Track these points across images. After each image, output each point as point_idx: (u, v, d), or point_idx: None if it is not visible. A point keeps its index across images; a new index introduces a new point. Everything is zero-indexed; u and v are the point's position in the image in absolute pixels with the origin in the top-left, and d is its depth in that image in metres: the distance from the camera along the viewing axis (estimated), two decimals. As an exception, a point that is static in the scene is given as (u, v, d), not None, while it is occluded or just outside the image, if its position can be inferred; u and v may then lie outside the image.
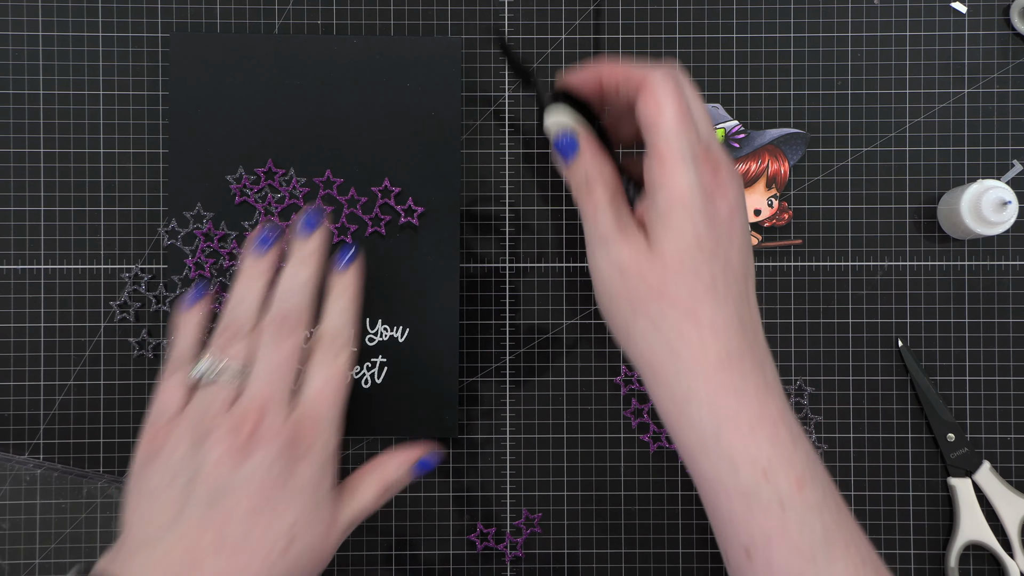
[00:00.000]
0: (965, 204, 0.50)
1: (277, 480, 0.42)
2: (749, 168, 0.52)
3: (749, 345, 0.40)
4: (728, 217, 0.40)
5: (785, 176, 0.52)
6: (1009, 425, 0.53)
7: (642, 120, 0.40)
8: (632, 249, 0.40)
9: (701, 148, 0.40)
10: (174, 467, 0.43)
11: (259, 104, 0.51)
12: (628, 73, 0.42)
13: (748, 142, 0.52)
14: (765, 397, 0.39)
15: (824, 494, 0.39)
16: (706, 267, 0.39)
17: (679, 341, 0.39)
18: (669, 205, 0.39)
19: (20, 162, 0.52)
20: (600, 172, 0.42)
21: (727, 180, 0.41)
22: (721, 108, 0.52)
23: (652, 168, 0.40)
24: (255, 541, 0.42)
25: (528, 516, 0.53)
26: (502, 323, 0.53)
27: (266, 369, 0.44)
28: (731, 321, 0.39)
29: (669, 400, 0.39)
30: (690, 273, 0.39)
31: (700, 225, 0.39)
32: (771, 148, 0.52)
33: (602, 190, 0.41)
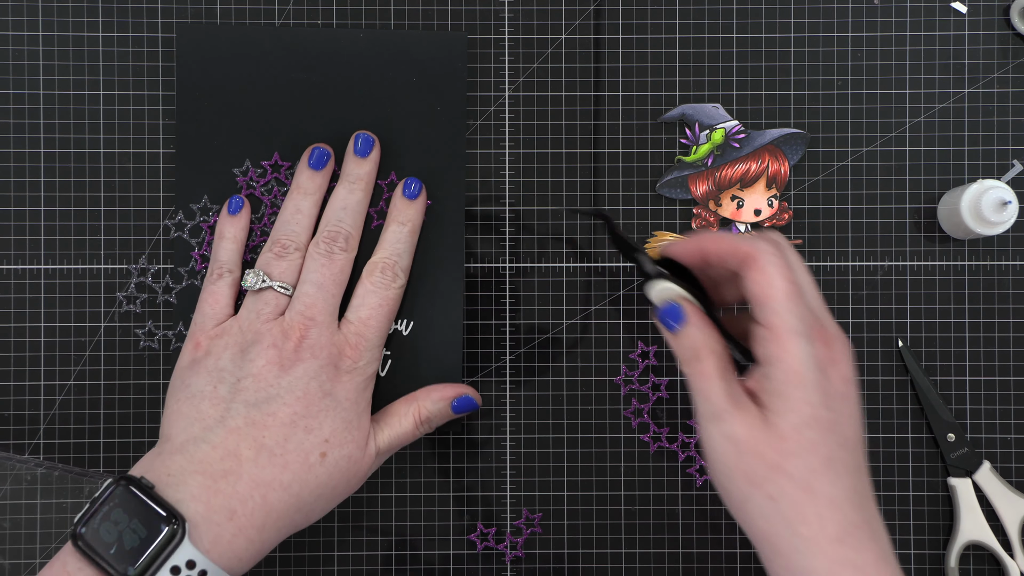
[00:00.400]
0: (965, 204, 0.50)
1: (318, 392, 0.44)
2: (749, 168, 0.52)
3: (865, 518, 0.40)
4: (843, 390, 0.41)
5: (785, 176, 0.52)
6: (1009, 425, 0.53)
7: (752, 295, 0.41)
8: (747, 424, 0.40)
9: (813, 321, 0.41)
10: (220, 371, 0.45)
11: (265, 97, 0.51)
12: (733, 246, 0.42)
13: (748, 142, 0.52)
14: (883, 570, 0.39)
15: None
16: (823, 442, 0.39)
17: (797, 517, 0.39)
18: (785, 381, 0.40)
19: (20, 162, 0.52)
20: (708, 343, 0.42)
21: (840, 353, 0.41)
22: (721, 108, 0.52)
23: (765, 342, 0.40)
24: (291, 449, 0.43)
25: (528, 516, 0.53)
26: (502, 323, 0.53)
27: (315, 283, 0.46)
28: (847, 494, 0.39)
29: (786, 573, 0.39)
30: (807, 449, 0.39)
31: (816, 401, 0.39)
32: (771, 148, 0.52)
33: (712, 362, 0.41)
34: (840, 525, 0.39)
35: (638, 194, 0.53)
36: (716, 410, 0.41)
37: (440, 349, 0.51)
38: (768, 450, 0.39)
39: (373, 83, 0.52)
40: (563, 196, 0.53)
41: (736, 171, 0.52)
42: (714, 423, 0.40)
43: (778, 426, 0.40)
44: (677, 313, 0.43)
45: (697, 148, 0.52)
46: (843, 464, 0.40)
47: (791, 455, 0.39)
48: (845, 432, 0.41)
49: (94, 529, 0.40)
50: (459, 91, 0.52)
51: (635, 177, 0.53)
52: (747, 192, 0.52)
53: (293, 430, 0.43)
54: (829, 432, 0.40)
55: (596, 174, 0.53)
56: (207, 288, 0.48)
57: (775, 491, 0.39)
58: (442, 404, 0.49)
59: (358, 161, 0.49)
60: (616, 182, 0.53)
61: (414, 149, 0.52)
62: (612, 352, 0.53)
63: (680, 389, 0.53)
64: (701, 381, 0.41)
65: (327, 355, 0.45)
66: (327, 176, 0.49)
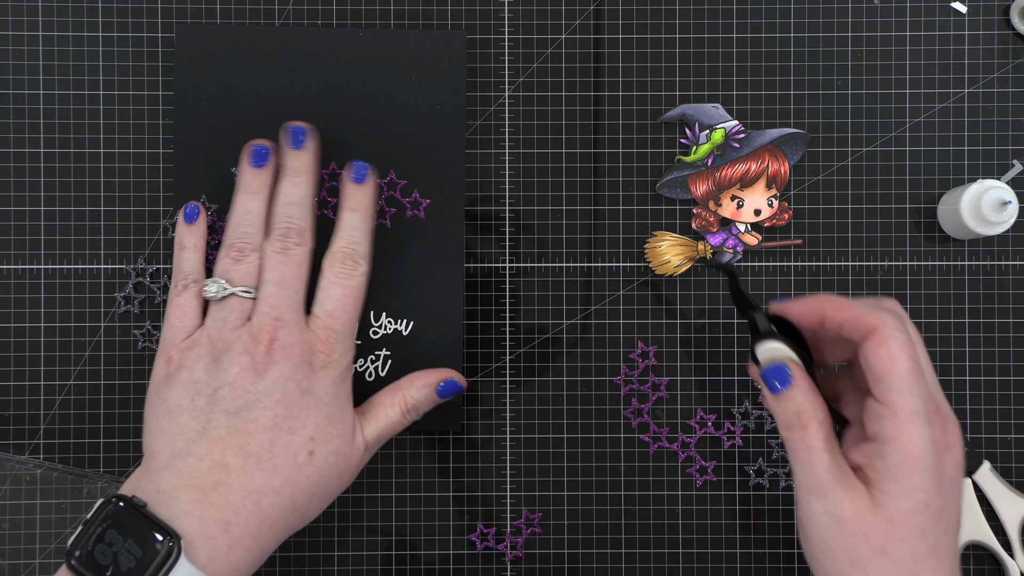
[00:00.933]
0: (965, 204, 0.50)
1: (296, 392, 0.44)
2: (749, 168, 0.52)
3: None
4: (955, 476, 0.40)
5: (785, 176, 0.52)
6: (1009, 425, 0.53)
7: (873, 369, 0.39)
8: (854, 503, 0.39)
9: (933, 403, 0.40)
10: (195, 383, 0.44)
11: (265, 97, 0.51)
12: (856, 315, 0.41)
13: (748, 142, 0.52)
14: None
15: None
16: (932, 529, 0.39)
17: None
18: (902, 464, 0.39)
19: (20, 162, 0.52)
20: (815, 410, 0.41)
21: (954, 436, 0.41)
22: (721, 108, 0.52)
23: (883, 420, 0.39)
24: (278, 453, 0.43)
25: (528, 516, 0.53)
26: (502, 323, 0.53)
27: (277, 283, 0.45)
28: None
29: None
30: (916, 536, 0.39)
31: (931, 488, 0.39)
32: (771, 148, 0.52)
33: (817, 431, 0.40)
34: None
35: (638, 194, 0.53)
36: (821, 484, 0.39)
37: (440, 349, 0.51)
38: (874, 532, 0.38)
39: (372, 83, 0.51)
40: (563, 196, 0.53)
41: (736, 171, 0.52)
42: (817, 497, 0.39)
43: (888, 508, 0.39)
44: (784, 375, 0.41)
45: (697, 148, 0.52)
46: (946, 550, 0.39)
47: (898, 540, 0.38)
48: (952, 519, 0.40)
49: (88, 551, 0.40)
50: (459, 90, 0.52)
51: (635, 177, 0.53)
52: (747, 192, 0.52)
53: (277, 433, 0.43)
54: (938, 519, 0.39)
55: (596, 174, 0.53)
56: (173, 301, 0.47)
57: (876, 574, 0.38)
58: (427, 390, 0.48)
59: (295, 154, 0.47)
60: (616, 182, 0.53)
61: (414, 148, 0.51)
62: (612, 352, 0.53)
63: (680, 389, 0.53)
64: (805, 451, 0.40)
65: (299, 353, 0.44)
66: (271, 171, 0.48)
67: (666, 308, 0.53)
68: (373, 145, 0.51)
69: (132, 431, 0.52)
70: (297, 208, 0.47)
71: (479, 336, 0.53)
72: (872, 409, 0.40)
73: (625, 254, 0.53)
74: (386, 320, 0.52)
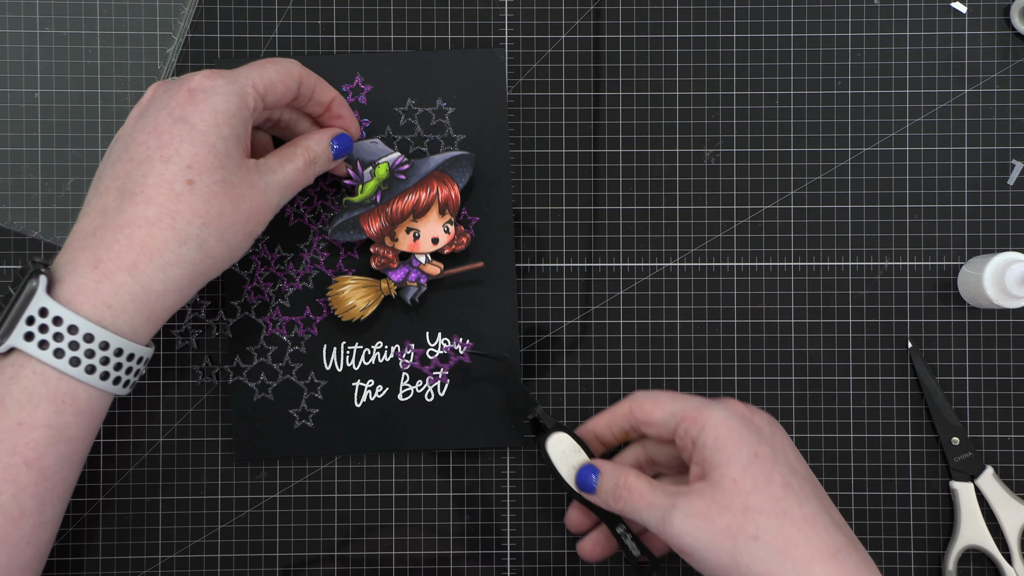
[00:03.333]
0: (988, 276, 0.49)
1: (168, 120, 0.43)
2: (419, 198, 0.50)
3: (850, 541, 0.41)
4: (771, 431, 0.44)
5: (456, 200, 0.51)
6: (1009, 425, 0.53)
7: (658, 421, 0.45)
8: (701, 495, 0.42)
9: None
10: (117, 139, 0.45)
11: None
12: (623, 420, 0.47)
13: (413, 172, 0.51)
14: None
15: None
16: (774, 472, 0.42)
17: (785, 542, 0.40)
18: (717, 438, 0.42)
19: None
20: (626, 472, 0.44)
21: (753, 407, 0.45)
22: (380, 142, 0.51)
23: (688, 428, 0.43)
24: (151, 184, 0.42)
25: (528, 517, 0.53)
26: (502, 323, 0.53)
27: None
28: (821, 515, 0.41)
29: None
30: (763, 482, 0.41)
31: (751, 440, 0.42)
32: (438, 175, 0.51)
33: (637, 480, 0.44)
34: (828, 541, 0.40)
35: (638, 194, 0.53)
36: (668, 505, 0.42)
37: (498, 365, 0.51)
38: (730, 499, 0.41)
39: (414, 103, 0.52)
40: (563, 196, 0.53)
41: (407, 203, 0.51)
42: (671, 515, 0.42)
43: (728, 475, 0.41)
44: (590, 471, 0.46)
45: (363, 187, 0.50)
46: (803, 489, 0.42)
47: (751, 492, 0.41)
48: (791, 463, 0.43)
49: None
50: (501, 107, 0.52)
51: (635, 177, 0.53)
52: (421, 222, 0.51)
53: (150, 165, 0.42)
54: (775, 463, 0.42)
55: (596, 174, 0.53)
56: None
57: (754, 529, 0.40)
58: (324, 143, 0.47)
59: None
60: (616, 182, 0.53)
61: (460, 167, 0.51)
62: (612, 352, 0.53)
63: (680, 388, 0.53)
64: (639, 499, 0.43)
65: (179, 83, 0.43)
66: None
67: (666, 308, 0.53)
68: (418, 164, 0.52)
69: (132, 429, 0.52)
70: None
71: (479, 336, 0.53)
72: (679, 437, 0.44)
73: (625, 254, 0.53)
74: (442, 340, 0.52)
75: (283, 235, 0.52)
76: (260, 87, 0.44)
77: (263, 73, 0.45)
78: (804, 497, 0.41)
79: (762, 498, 0.41)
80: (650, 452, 0.48)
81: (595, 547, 0.49)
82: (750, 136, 0.53)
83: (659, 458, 0.48)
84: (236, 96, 0.43)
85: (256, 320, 0.52)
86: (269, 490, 0.52)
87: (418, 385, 0.52)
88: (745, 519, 0.40)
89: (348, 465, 0.52)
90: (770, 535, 0.40)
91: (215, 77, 0.43)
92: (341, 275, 0.51)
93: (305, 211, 0.52)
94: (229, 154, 0.43)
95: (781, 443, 0.43)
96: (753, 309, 0.53)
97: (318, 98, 0.47)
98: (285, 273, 0.52)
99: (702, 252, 0.53)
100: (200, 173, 0.42)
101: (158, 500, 0.52)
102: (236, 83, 0.44)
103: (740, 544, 0.40)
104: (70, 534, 0.52)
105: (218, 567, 0.52)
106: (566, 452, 0.48)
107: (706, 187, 0.53)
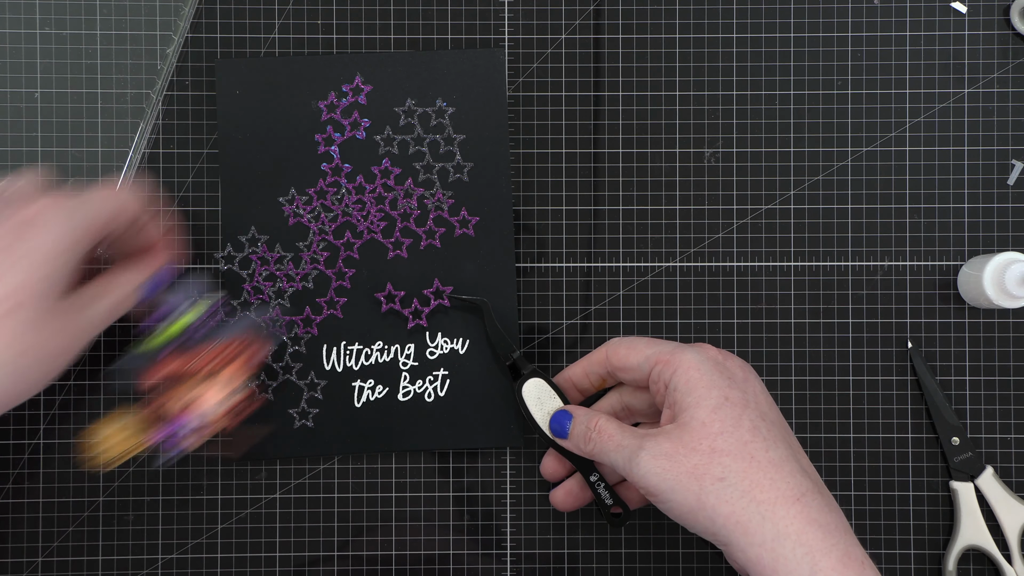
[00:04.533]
0: (988, 276, 0.49)
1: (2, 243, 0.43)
2: (219, 353, 0.49)
3: (816, 485, 0.42)
4: (743, 376, 0.44)
5: (255, 364, 0.50)
6: (1009, 425, 0.53)
7: (634, 365, 0.46)
8: (669, 436, 0.42)
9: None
10: None
11: (307, 124, 0.52)
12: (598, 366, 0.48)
13: (221, 328, 0.50)
14: (848, 537, 0.40)
15: None
16: (744, 415, 0.42)
17: (751, 485, 0.40)
18: (688, 380, 0.43)
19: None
20: (597, 415, 0.45)
21: (726, 352, 0.45)
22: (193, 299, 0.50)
23: (662, 371, 0.44)
24: None
25: (528, 517, 0.53)
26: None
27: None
28: (788, 460, 0.42)
29: (760, 547, 0.40)
30: (731, 424, 0.42)
31: (723, 383, 0.43)
32: (244, 335, 0.50)
33: (607, 423, 0.45)
34: (793, 485, 0.40)
35: (638, 194, 0.53)
36: (634, 446, 0.43)
37: (497, 367, 0.52)
38: (698, 441, 0.41)
39: (412, 103, 0.52)
40: (563, 196, 0.53)
41: (194, 363, 0.49)
42: (638, 456, 0.42)
43: (698, 417, 0.42)
44: (562, 414, 0.47)
45: (166, 329, 0.49)
46: (771, 434, 0.42)
47: (719, 434, 0.41)
48: (761, 408, 0.43)
49: None
50: (500, 107, 0.52)
51: (635, 177, 0.53)
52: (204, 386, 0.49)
53: None
54: (744, 407, 0.42)
55: (596, 174, 0.53)
56: None
57: (720, 471, 0.41)
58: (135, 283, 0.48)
59: None
60: (616, 182, 0.53)
61: (459, 166, 0.52)
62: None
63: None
64: (608, 441, 0.44)
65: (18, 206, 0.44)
66: None
67: (666, 308, 0.53)
68: (418, 165, 0.52)
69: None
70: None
71: (479, 336, 0.53)
72: (652, 381, 0.45)
73: (625, 254, 0.53)
74: (442, 340, 0.52)
75: (282, 235, 0.52)
76: (96, 227, 0.45)
77: (102, 210, 0.45)
78: (772, 441, 0.42)
79: (730, 441, 0.41)
80: (626, 400, 0.49)
81: (568, 496, 0.50)
82: (750, 136, 0.53)
83: (635, 405, 0.49)
84: (71, 232, 0.44)
85: (256, 320, 0.52)
86: (269, 490, 0.52)
87: (418, 385, 0.52)
88: (711, 461, 0.41)
89: (348, 465, 0.52)
90: (736, 477, 0.40)
91: (55, 209, 0.44)
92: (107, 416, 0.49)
93: (304, 211, 0.52)
94: (52, 289, 0.43)
95: (753, 388, 0.44)
96: (753, 309, 0.53)
97: (147, 235, 0.48)
98: (284, 273, 0.52)
99: (702, 252, 0.53)
100: (22, 304, 0.42)
101: (158, 500, 0.52)
102: (73, 219, 0.44)
103: (706, 485, 0.41)
104: (70, 534, 0.52)
105: (218, 567, 0.52)
106: (541, 398, 0.49)
107: (706, 187, 0.53)
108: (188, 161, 0.53)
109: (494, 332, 0.50)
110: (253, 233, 0.52)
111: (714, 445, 0.41)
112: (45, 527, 0.52)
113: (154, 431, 0.48)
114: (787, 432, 0.44)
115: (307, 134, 0.52)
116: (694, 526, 0.42)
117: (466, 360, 0.52)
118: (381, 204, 0.52)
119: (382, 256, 0.52)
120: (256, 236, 0.52)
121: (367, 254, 0.51)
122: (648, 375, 0.45)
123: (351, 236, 0.52)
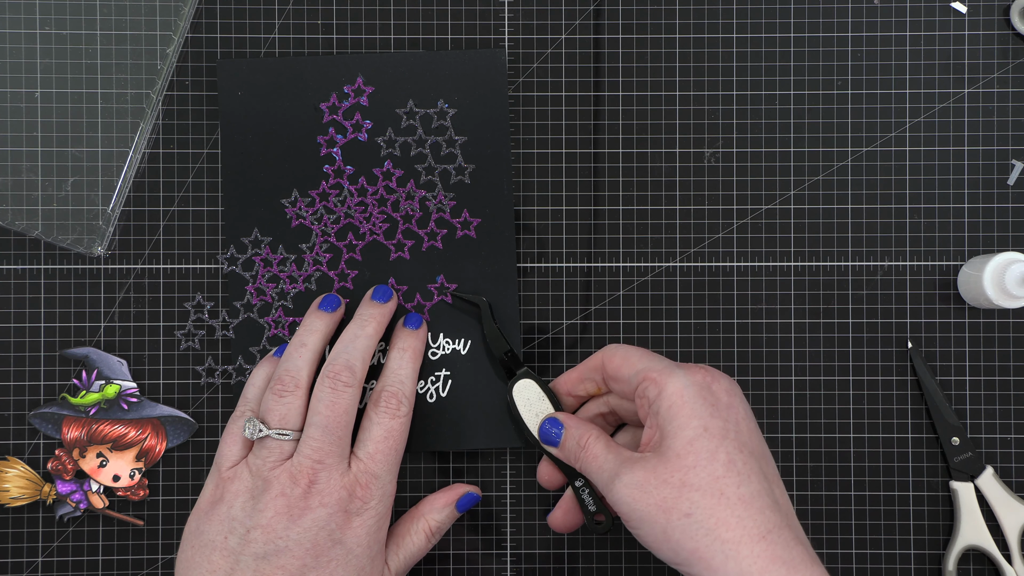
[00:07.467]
0: (988, 275, 0.49)
1: (327, 542, 0.44)
2: (128, 433, 0.51)
3: (785, 520, 0.41)
4: (728, 402, 0.43)
5: (158, 454, 0.51)
6: (1009, 425, 0.53)
7: (623, 375, 0.46)
8: (644, 466, 0.42)
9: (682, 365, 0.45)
10: (232, 520, 0.44)
11: (309, 126, 0.52)
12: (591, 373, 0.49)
13: (137, 408, 0.51)
14: (813, 569, 0.40)
15: None
16: (720, 448, 0.41)
17: (716, 523, 0.40)
18: (671, 406, 0.42)
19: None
20: (588, 430, 0.45)
21: (716, 373, 0.44)
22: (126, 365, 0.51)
23: (647, 389, 0.44)
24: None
25: (528, 517, 0.53)
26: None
27: (322, 426, 0.45)
28: (759, 495, 0.41)
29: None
30: (706, 458, 0.41)
31: (704, 412, 0.42)
32: (156, 423, 0.51)
33: (596, 442, 0.45)
34: (759, 523, 0.40)
35: (638, 194, 0.53)
36: (611, 471, 0.43)
37: (498, 367, 0.52)
38: (670, 473, 0.41)
39: (413, 104, 0.52)
40: (563, 196, 0.53)
41: (114, 431, 0.51)
42: (615, 482, 0.42)
43: (673, 448, 0.41)
44: (554, 422, 0.47)
45: (86, 394, 0.51)
46: (746, 467, 0.41)
47: (692, 468, 0.41)
48: (741, 438, 0.42)
49: None
50: (502, 108, 0.52)
51: (635, 177, 0.53)
52: (115, 455, 0.51)
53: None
54: (723, 439, 0.42)
55: (596, 174, 0.53)
56: (228, 427, 0.47)
57: (688, 506, 0.40)
58: (447, 510, 0.49)
59: (374, 304, 0.50)
60: (616, 182, 0.53)
61: (460, 168, 0.52)
62: (612, 352, 0.53)
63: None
64: (591, 461, 0.44)
65: (336, 500, 0.44)
66: (337, 317, 0.50)
67: (666, 308, 0.53)
68: (419, 167, 0.52)
69: (133, 431, 0.52)
70: (358, 348, 0.47)
71: (479, 336, 0.53)
72: (638, 395, 0.44)
73: (625, 254, 0.53)
74: (444, 341, 0.52)
75: (285, 236, 0.52)
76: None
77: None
78: (745, 476, 0.41)
79: (701, 475, 0.41)
80: (614, 404, 0.49)
81: (566, 515, 0.50)
82: (750, 136, 0.53)
83: (623, 410, 0.49)
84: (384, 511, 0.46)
85: (259, 321, 0.52)
86: (269, 490, 0.52)
87: (420, 385, 0.52)
88: (680, 496, 0.41)
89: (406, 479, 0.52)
90: (703, 514, 0.40)
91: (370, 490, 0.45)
92: (12, 458, 0.51)
93: (307, 213, 0.52)
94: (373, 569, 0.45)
95: (735, 414, 0.43)
96: (753, 309, 0.53)
97: None
98: (287, 274, 0.52)
99: (702, 252, 0.53)
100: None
101: (158, 500, 0.52)
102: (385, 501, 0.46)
103: (673, 520, 0.40)
104: (70, 534, 0.52)
105: (218, 567, 0.52)
106: (531, 400, 0.49)
107: (706, 187, 0.53)
108: (188, 161, 0.53)
109: (490, 331, 0.50)
110: (256, 235, 0.52)
111: (685, 479, 0.41)
112: (45, 527, 0.52)
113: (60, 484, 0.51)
114: (766, 461, 0.43)
115: (309, 136, 0.52)
116: (660, 556, 0.42)
117: (468, 361, 0.52)
118: (383, 206, 0.52)
119: (384, 258, 0.52)
120: (259, 238, 0.52)
121: (369, 256, 0.52)
122: (635, 389, 0.45)
123: (353, 238, 0.52)
